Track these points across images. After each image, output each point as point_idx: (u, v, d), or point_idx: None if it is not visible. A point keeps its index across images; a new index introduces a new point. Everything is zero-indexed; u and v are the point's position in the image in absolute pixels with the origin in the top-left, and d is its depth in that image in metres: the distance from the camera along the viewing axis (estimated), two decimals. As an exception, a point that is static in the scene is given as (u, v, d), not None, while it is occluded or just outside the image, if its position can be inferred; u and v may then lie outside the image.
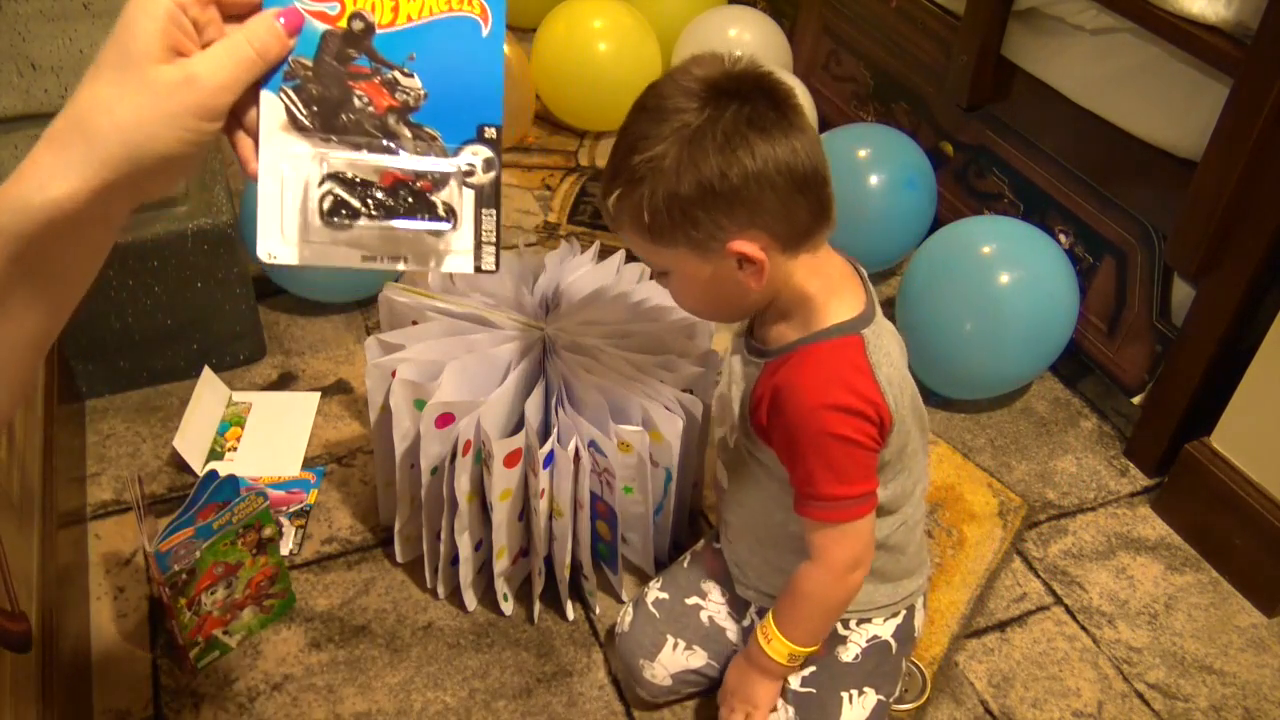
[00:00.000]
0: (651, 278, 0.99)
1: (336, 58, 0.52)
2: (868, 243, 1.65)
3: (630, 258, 1.21)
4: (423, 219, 0.55)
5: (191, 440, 1.42)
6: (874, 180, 1.65)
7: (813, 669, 1.05)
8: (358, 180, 0.54)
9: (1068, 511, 1.46)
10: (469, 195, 0.55)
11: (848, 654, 1.06)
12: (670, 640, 1.13)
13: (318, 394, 1.54)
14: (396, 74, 0.53)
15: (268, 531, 1.17)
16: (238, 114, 0.52)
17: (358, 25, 0.52)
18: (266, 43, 0.50)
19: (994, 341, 1.46)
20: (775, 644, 0.99)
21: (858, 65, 2.00)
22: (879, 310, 0.95)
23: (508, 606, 1.26)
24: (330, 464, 1.45)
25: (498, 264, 0.57)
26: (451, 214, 0.55)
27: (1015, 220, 1.55)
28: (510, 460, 1.10)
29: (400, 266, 0.56)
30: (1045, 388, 1.64)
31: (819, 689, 1.04)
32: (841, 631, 1.07)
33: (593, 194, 2.02)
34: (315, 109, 0.53)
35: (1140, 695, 1.23)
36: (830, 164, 0.88)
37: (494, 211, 0.56)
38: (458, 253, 0.56)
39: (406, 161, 0.54)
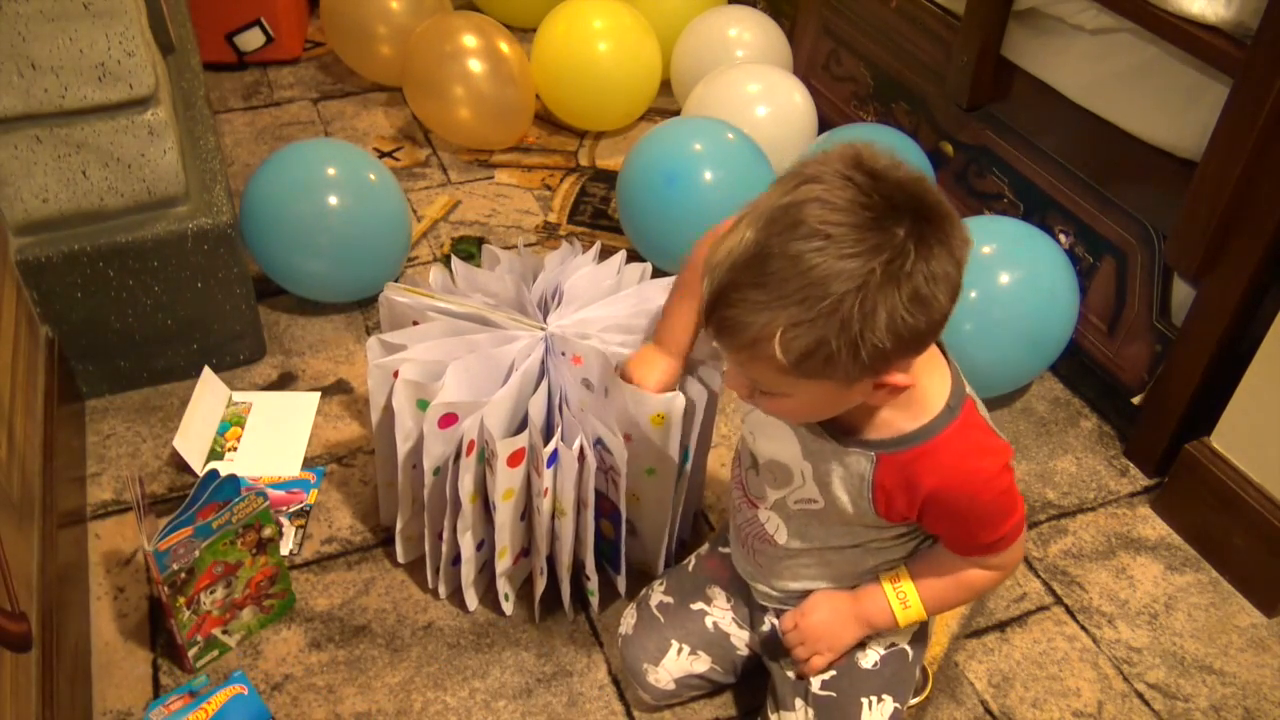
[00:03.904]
0: (744, 394, 0.87)
1: None
2: (868, 243, 1.65)
3: (632, 258, 1.20)
4: None
5: (191, 440, 1.42)
6: (874, 180, 1.65)
7: (833, 673, 1.05)
8: None
9: (1068, 511, 1.46)
10: None
11: (867, 660, 1.05)
12: (675, 645, 1.13)
13: (318, 394, 1.54)
14: None
15: (268, 531, 1.17)
16: None
17: None
18: None
19: (994, 342, 1.46)
20: (912, 612, 1.00)
21: (858, 65, 2.00)
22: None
23: (509, 606, 1.26)
24: (330, 464, 1.44)
25: None
26: None
27: (1015, 220, 1.55)
28: (514, 460, 1.10)
29: None
30: (1045, 388, 1.64)
31: (839, 694, 1.04)
32: None
33: (592, 194, 2.02)
34: None
35: (1140, 695, 1.23)
36: None
37: None
38: None
39: None
